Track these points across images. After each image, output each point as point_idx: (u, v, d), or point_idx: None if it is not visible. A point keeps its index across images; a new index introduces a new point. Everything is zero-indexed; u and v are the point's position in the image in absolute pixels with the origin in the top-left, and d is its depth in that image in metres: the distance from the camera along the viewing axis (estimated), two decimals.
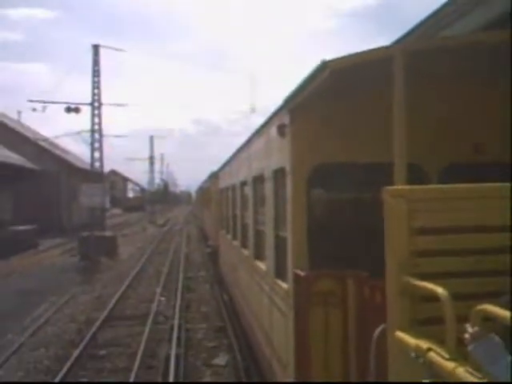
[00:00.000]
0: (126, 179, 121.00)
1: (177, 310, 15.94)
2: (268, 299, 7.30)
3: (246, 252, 9.87)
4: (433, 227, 3.36)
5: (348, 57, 4.60)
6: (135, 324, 14.78)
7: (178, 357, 11.34)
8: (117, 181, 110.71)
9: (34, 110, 37.83)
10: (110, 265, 27.24)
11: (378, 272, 3.68)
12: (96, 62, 38.66)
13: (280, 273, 6.48)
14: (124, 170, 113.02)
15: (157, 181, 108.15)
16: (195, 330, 13.99)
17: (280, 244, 6.45)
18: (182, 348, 12.12)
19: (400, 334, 3.16)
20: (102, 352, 12.25)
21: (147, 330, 13.73)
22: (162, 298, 18.04)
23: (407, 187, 3.74)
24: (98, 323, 14.42)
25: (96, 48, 38.70)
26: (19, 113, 58.35)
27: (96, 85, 38.49)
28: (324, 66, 4.54)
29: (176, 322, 14.31)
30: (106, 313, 15.72)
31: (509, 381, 2.37)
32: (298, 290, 5.45)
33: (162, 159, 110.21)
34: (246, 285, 10.16)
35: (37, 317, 15.71)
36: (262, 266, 7.86)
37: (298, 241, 5.58)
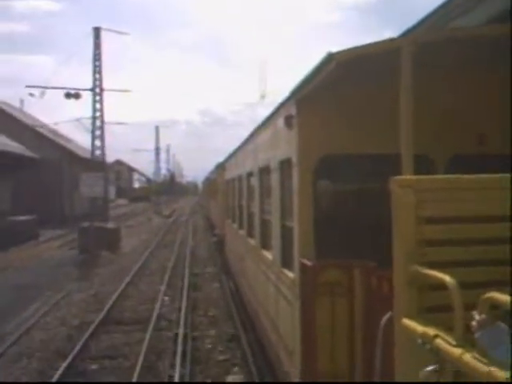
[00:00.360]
0: (131, 169, 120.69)
1: (182, 312, 14.37)
2: (274, 288, 7.34)
3: (252, 241, 9.91)
4: (440, 217, 3.39)
5: (354, 49, 4.62)
6: (134, 330, 13.08)
7: (182, 377, 9.88)
8: (122, 171, 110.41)
9: (32, 95, 36.57)
10: (111, 258, 25.68)
11: (385, 262, 3.71)
12: (97, 46, 37.07)
13: (286, 262, 6.52)
14: (129, 159, 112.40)
15: (163, 171, 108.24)
16: (203, 338, 12.41)
17: (286, 234, 6.48)
18: (188, 363, 10.54)
19: (407, 321, 3.20)
20: (94, 366, 10.69)
21: (148, 337, 12.11)
22: (166, 298, 16.54)
23: (414, 177, 3.77)
24: (91, 328, 12.87)
25: (97, 30, 37.15)
26: (22, 101, 57.10)
27: (97, 69, 36.85)
28: (330, 57, 4.58)
29: (181, 329, 12.64)
30: (101, 315, 14.13)
31: (509, 364, 2.40)
32: (305, 280, 5.48)
33: (167, 150, 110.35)
34: (252, 274, 10.21)
35: (24, 320, 14.24)
36: (268, 255, 7.90)
37: (305, 231, 5.60)
